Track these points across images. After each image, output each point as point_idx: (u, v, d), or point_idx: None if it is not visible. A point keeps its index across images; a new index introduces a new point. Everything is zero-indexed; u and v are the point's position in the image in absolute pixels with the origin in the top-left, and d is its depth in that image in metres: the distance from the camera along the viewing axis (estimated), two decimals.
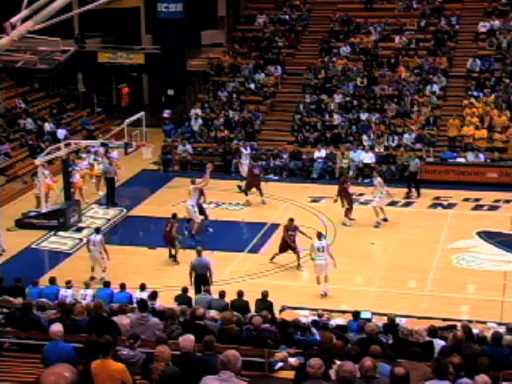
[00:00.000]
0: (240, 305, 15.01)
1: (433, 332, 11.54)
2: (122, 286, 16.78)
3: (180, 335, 9.96)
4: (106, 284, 17.17)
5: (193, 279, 17.89)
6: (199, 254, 18.27)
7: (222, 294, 15.59)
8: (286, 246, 20.51)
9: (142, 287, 16.76)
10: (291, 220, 20.73)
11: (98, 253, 19.60)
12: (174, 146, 30.46)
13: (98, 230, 20.36)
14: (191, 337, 8.68)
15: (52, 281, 17.19)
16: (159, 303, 15.12)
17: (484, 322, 15.32)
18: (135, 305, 13.78)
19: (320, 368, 7.10)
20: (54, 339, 9.39)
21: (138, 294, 16.33)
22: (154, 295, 15.71)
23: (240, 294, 15.46)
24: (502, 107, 29.34)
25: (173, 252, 21.16)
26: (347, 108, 31.03)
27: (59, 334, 9.40)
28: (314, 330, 12.20)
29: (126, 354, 9.36)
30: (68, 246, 22.55)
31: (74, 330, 10.55)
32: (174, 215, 21.30)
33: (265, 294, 15.63)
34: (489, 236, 22.44)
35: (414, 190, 26.23)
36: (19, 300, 14.34)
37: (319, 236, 19.16)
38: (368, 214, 24.59)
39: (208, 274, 17.89)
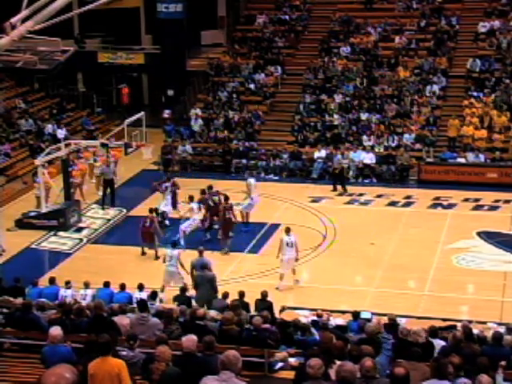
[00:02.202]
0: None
1: (433, 332, 11.53)
2: (122, 286, 16.78)
3: (180, 335, 9.97)
4: (106, 284, 17.18)
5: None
6: (201, 253, 18.26)
7: (226, 295, 15.56)
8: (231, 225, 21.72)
9: (141, 287, 16.76)
10: (226, 199, 21.96)
11: (175, 268, 18.65)
12: (173, 146, 30.46)
13: (174, 244, 19.40)
14: (194, 337, 8.68)
15: (52, 281, 17.19)
16: (159, 303, 15.13)
17: (484, 322, 15.31)
18: (135, 305, 13.79)
19: (320, 368, 7.10)
20: (53, 342, 9.38)
21: (137, 294, 16.34)
22: (153, 295, 15.72)
23: (241, 294, 15.45)
24: (502, 107, 29.35)
25: (145, 249, 21.31)
26: (347, 108, 31.03)
27: (58, 337, 9.39)
28: (313, 331, 12.20)
29: (125, 354, 9.36)
30: (68, 246, 22.56)
31: (73, 331, 10.55)
32: (152, 210, 21.52)
33: (264, 294, 15.64)
34: (489, 236, 22.45)
35: (339, 186, 26.68)
36: (19, 300, 14.34)
37: (287, 231, 19.40)
38: (368, 214, 24.64)
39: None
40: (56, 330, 9.45)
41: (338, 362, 7.59)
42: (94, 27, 36.37)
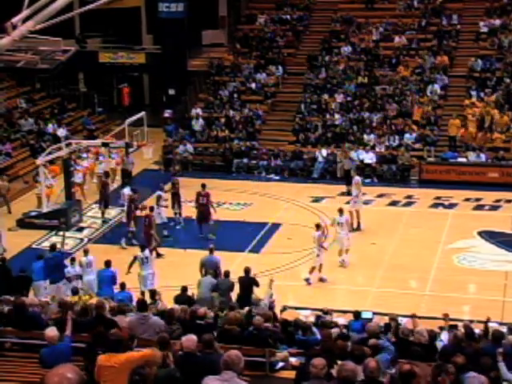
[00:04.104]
0: (246, 281, 15.88)
1: (433, 334, 11.52)
2: (122, 286, 16.77)
3: (180, 335, 9.95)
4: (107, 264, 17.36)
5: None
6: (211, 251, 18.24)
7: (227, 274, 15.81)
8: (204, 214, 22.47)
9: (143, 248, 17.99)
10: (203, 186, 22.69)
11: (318, 250, 19.51)
12: (174, 145, 30.45)
13: (318, 226, 20.00)
14: (194, 337, 8.66)
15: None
16: (160, 303, 15.11)
17: (485, 322, 15.29)
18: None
19: (323, 368, 7.08)
20: (50, 343, 9.36)
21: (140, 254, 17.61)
22: (153, 295, 15.71)
23: (247, 271, 16.09)
24: (504, 107, 29.31)
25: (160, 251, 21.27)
26: (348, 108, 31.02)
27: (55, 337, 9.37)
28: (314, 330, 12.18)
29: None
30: (69, 246, 22.53)
31: (76, 330, 10.52)
32: (151, 208, 21.55)
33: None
34: (490, 236, 22.44)
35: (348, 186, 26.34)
36: (19, 299, 14.32)
37: (340, 212, 20.73)
38: (369, 214, 24.61)
39: (217, 272, 17.89)
40: (52, 331, 9.43)
41: (340, 362, 7.58)
42: (94, 27, 36.36)
